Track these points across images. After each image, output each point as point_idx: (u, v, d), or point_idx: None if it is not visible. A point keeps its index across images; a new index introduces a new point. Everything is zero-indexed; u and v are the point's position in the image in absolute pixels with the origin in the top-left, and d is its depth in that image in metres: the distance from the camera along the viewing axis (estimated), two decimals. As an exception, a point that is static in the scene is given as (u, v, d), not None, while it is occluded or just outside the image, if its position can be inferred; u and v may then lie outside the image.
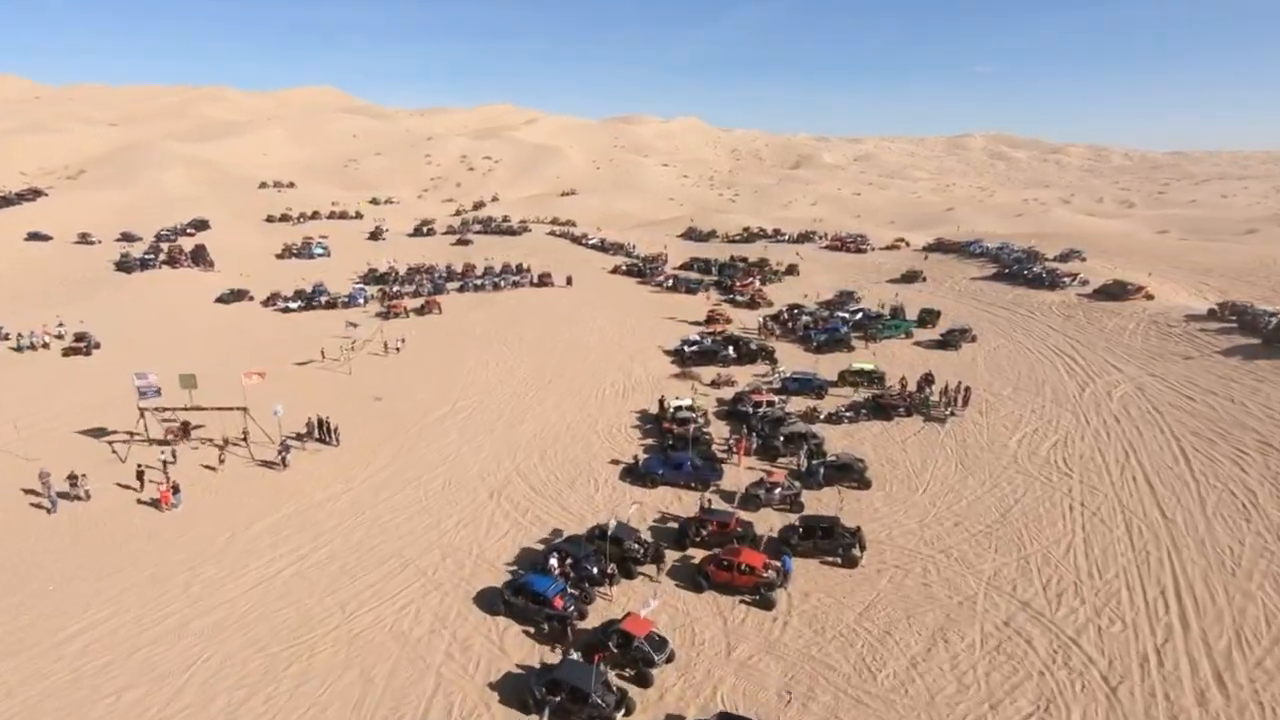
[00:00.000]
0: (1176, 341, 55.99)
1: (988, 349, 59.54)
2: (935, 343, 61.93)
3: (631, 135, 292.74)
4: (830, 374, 53.89)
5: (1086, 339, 59.30)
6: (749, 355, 58.90)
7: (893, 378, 53.83)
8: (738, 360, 58.61)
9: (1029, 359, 56.31)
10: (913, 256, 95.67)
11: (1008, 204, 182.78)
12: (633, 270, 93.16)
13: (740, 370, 57.14)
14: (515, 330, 67.81)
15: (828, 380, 52.30)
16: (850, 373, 53.18)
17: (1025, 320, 66.13)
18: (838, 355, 60.28)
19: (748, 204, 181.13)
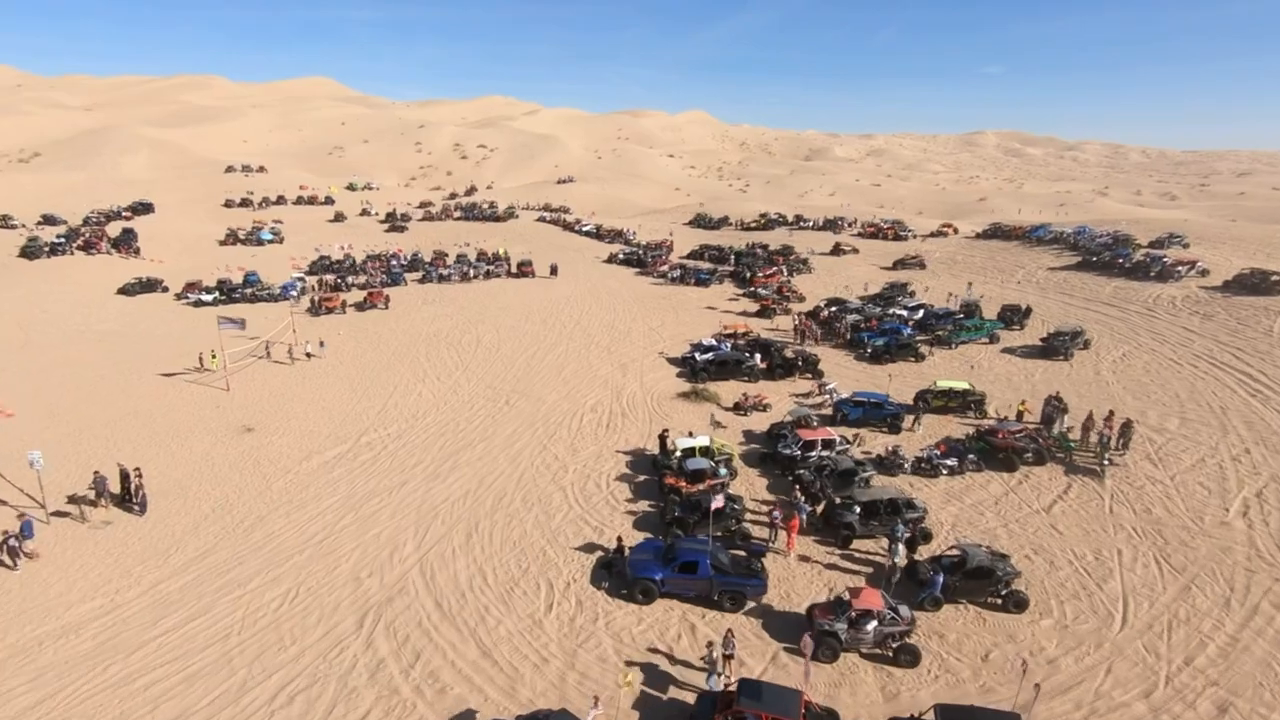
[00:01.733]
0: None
1: (1111, 359, 42.60)
2: (1034, 349, 45.09)
3: (636, 127, 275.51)
4: (899, 394, 37.18)
5: (1250, 345, 42.30)
6: (783, 366, 42.09)
7: (997, 401, 37.02)
8: (768, 372, 41.87)
9: (1180, 374, 39.33)
10: (964, 244, 78.68)
11: (1043, 194, 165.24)
12: (631, 259, 76.43)
13: (773, 387, 40.40)
14: (475, 331, 51.16)
15: (902, 405, 35.50)
16: (935, 394, 36.38)
17: (1146, 320, 49.08)
18: (902, 367, 43.52)
19: (760, 194, 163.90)
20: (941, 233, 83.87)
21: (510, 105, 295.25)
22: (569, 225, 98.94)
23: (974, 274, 67.41)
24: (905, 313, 52.27)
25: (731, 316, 54.89)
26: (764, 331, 49.91)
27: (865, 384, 40.48)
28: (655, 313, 56.63)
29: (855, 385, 40.14)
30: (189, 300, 61.44)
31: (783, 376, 41.67)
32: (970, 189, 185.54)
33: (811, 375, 41.87)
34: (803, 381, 41.27)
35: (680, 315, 56.01)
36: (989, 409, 36.03)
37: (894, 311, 52.63)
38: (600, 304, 59.36)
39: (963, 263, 71.39)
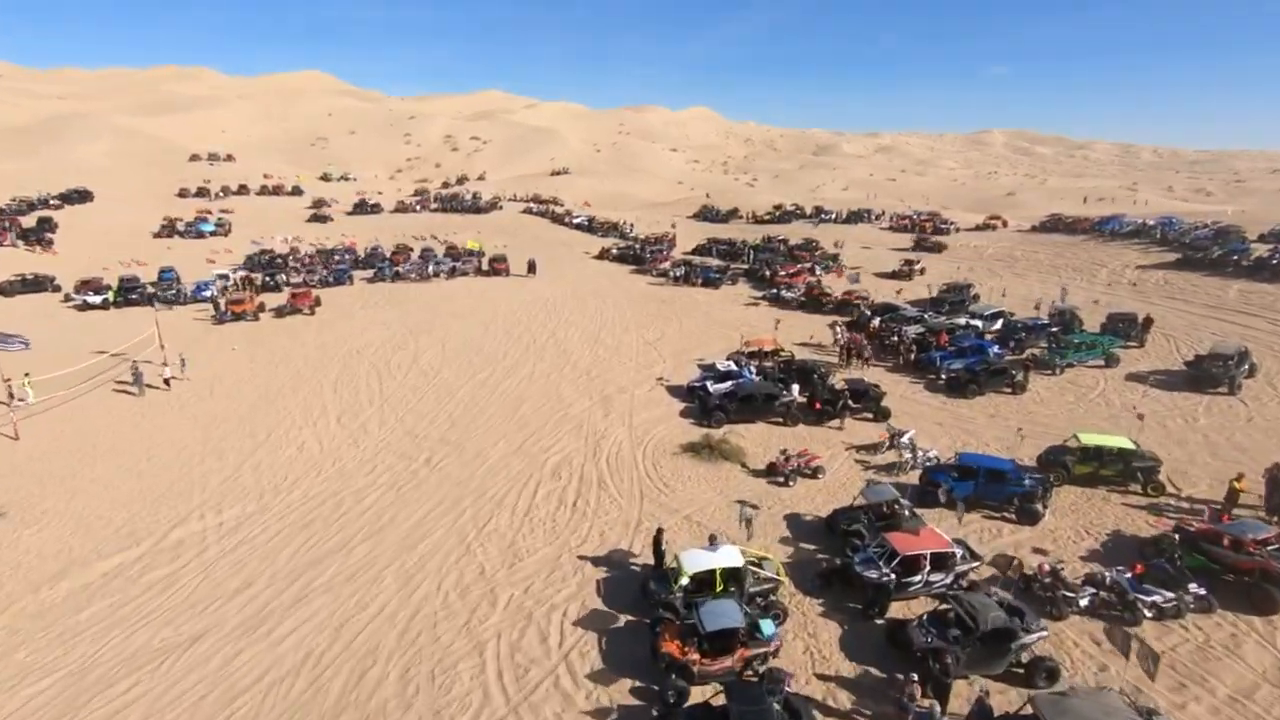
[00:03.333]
0: None
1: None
2: (1174, 376, 31.94)
3: (638, 122, 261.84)
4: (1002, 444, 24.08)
5: None
6: (830, 401, 28.89)
7: (1173, 467, 23.85)
8: (812, 409, 28.72)
9: None
10: (1019, 238, 65.36)
11: (1073, 189, 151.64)
12: (626, 255, 63.27)
13: (819, 435, 27.30)
14: (414, 347, 38.10)
15: (1037, 477, 22.31)
16: (1077, 454, 23.17)
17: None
18: (991, 402, 30.43)
19: (768, 188, 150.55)
20: (989, 226, 70.57)
21: (508, 100, 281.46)
22: (558, 218, 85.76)
23: (1043, 274, 54.13)
24: (979, 323, 39.15)
25: (758, 326, 41.76)
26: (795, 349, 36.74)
27: (952, 431, 27.41)
28: (653, 321, 43.55)
29: (937, 432, 27.07)
30: (75, 303, 48.47)
31: (829, 415, 28.52)
32: (991, 183, 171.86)
33: (874, 416, 28.77)
34: (861, 425, 28.20)
35: (685, 324, 42.86)
36: (1163, 479, 22.86)
37: (965, 321, 39.51)
38: (584, 309, 46.28)
39: (1025, 260, 58.08)
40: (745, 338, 34.99)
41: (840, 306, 44.89)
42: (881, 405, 28.95)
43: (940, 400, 31.13)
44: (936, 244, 61.42)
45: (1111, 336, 35.33)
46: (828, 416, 28.37)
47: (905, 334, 36.99)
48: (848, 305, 44.76)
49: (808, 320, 44.01)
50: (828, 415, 28.38)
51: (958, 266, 57.06)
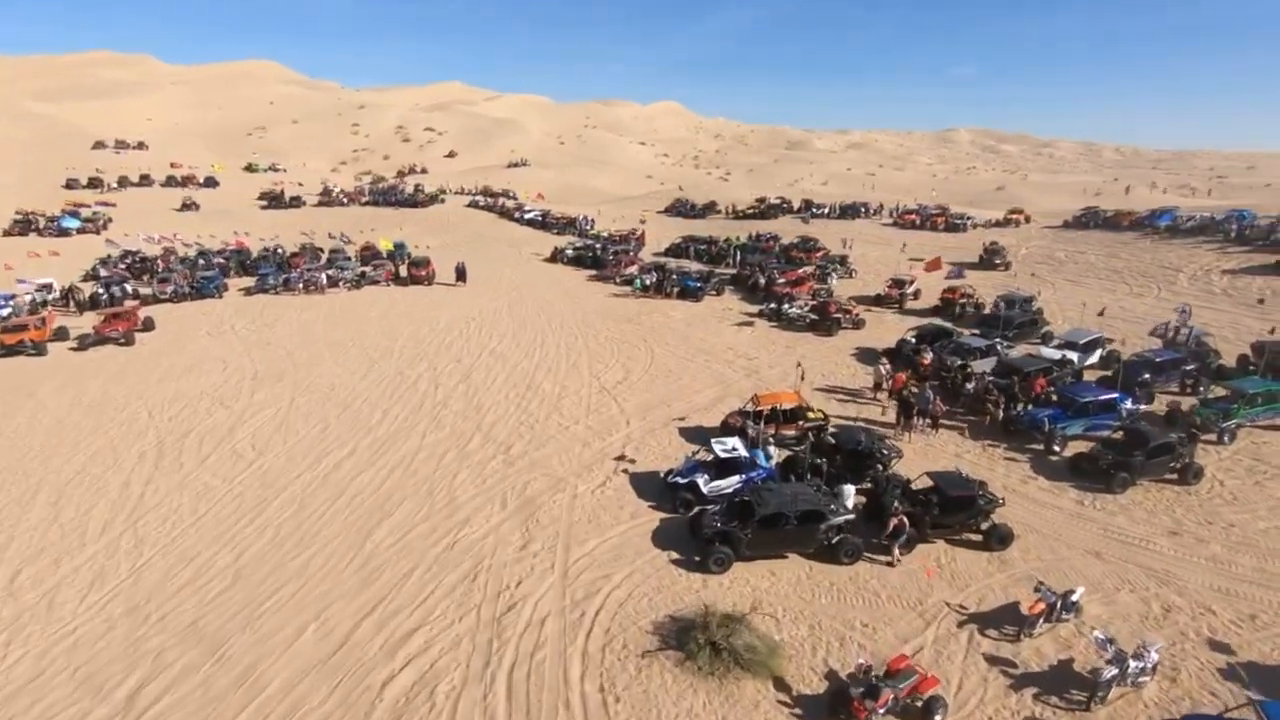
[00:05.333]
0: None
1: None
2: None
3: (605, 116, 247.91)
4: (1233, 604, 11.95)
5: None
6: (913, 516, 16.57)
7: None
8: (882, 531, 16.37)
9: None
10: (1051, 235, 53.97)
11: (1058, 185, 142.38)
12: (583, 257, 50.36)
13: (894, 583, 15.00)
14: (244, 403, 24.76)
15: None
16: None
17: None
18: (1148, 496, 18.39)
19: (743, 182, 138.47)
20: (1011, 221, 59.08)
21: (469, 92, 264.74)
22: (507, 212, 72.34)
23: (1103, 279, 42.57)
24: (1074, 355, 27.11)
25: (759, 360, 29.25)
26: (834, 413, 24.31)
27: (1120, 567, 15.24)
28: (614, 351, 30.78)
29: (1098, 573, 14.90)
30: None
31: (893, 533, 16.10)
32: (973, 179, 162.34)
33: (984, 542, 16.48)
34: (960, 555, 15.91)
35: (658, 356, 30.17)
36: None
37: (1047, 351, 27.46)
38: (522, 334, 33.35)
39: (1073, 262, 46.54)
40: (759, 394, 22.25)
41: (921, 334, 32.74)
42: (998, 527, 16.60)
43: (1070, 496, 18.95)
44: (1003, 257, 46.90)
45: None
46: (893, 533, 15.94)
47: (978, 376, 24.76)
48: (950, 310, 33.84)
49: (821, 348, 31.69)
50: (892, 529, 15.96)
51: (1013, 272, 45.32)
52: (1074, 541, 16.84)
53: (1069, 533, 17.24)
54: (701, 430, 22.62)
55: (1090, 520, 17.77)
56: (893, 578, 15.51)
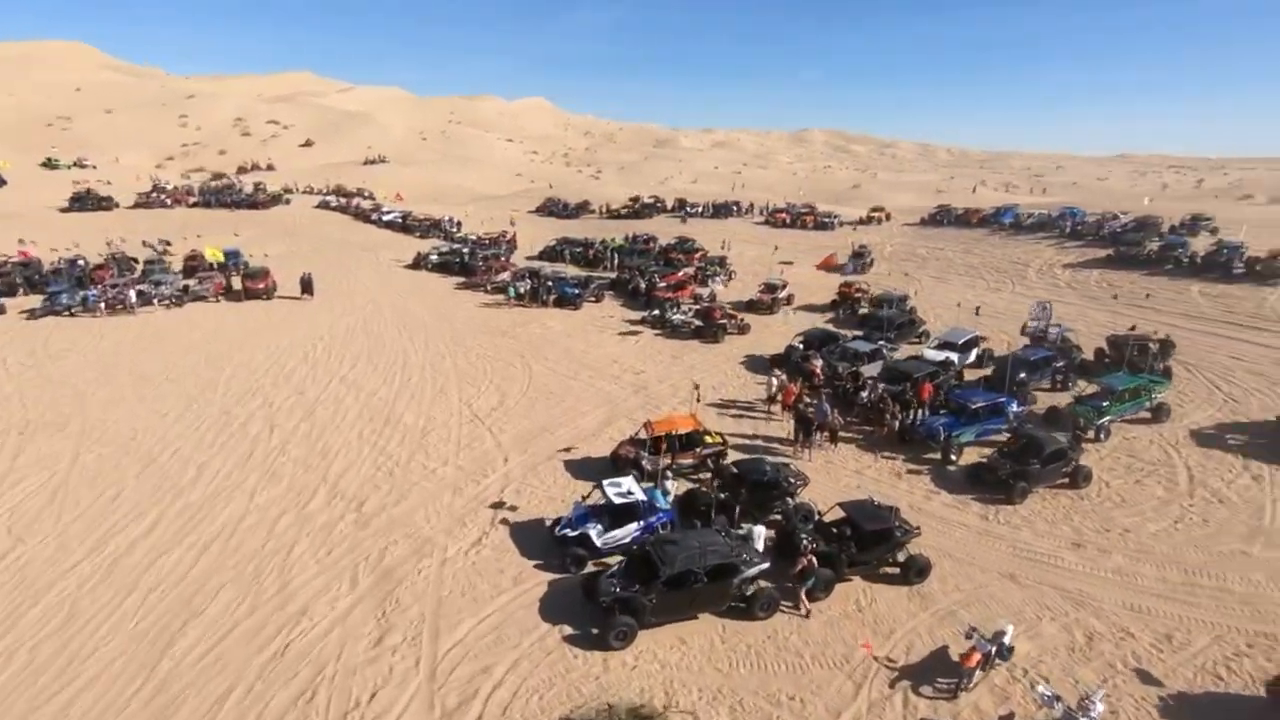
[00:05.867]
0: None
1: None
2: (1259, 431, 21.41)
3: (471, 111, 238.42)
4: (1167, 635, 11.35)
5: None
6: (826, 555, 14.99)
7: None
8: (788, 555, 14.54)
9: None
10: (912, 232, 56.15)
11: (904, 183, 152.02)
12: (450, 263, 46.29)
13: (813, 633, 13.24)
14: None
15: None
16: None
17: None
18: (1046, 504, 18.05)
19: (614, 180, 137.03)
20: (873, 219, 61.04)
21: (318, 83, 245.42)
22: (364, 214, 66.21)
23: (963, 275, 44.34)
24: (954, 356, 27.15)
25: (649, 374, 27.15)
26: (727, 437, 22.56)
27: (1042, 596, 14.40)
28: (488, 370, 27.58)
29: (1019, 601, 13.94)
30: None
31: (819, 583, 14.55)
32: (830, 177, 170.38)
33: (902, 575, 15.14)
34: (878, 592, 14.51)
35: (537, 373, 27.31)
36: None
37: (929, 352, 27.37)
38: (379, 354, 29.31)
39: (935, 259, 48.34)
40: (652, 421, 19.98)
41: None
42: (915, 558, 15.34)
43: (974, 511, 18.22)
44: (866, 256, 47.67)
45: (1158, 377, 24.53)
46: (810, 583, 14.27)
47: (871, 384, 23.97)
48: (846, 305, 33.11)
49: (709, 356, 30.15)
50: (810, 581, 14.29)
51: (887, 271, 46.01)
52: (987, 564, 15.94)
53: (980, 554, 16.35)
54: (590, 463, 20.13)
55: (998, 538, 17.03)
56: (814, 631, 13.78)
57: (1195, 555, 16.10)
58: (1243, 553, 16.15)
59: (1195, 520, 17.51)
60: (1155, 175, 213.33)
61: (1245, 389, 25.20)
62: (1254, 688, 12.31)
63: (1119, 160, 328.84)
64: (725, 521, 16.37)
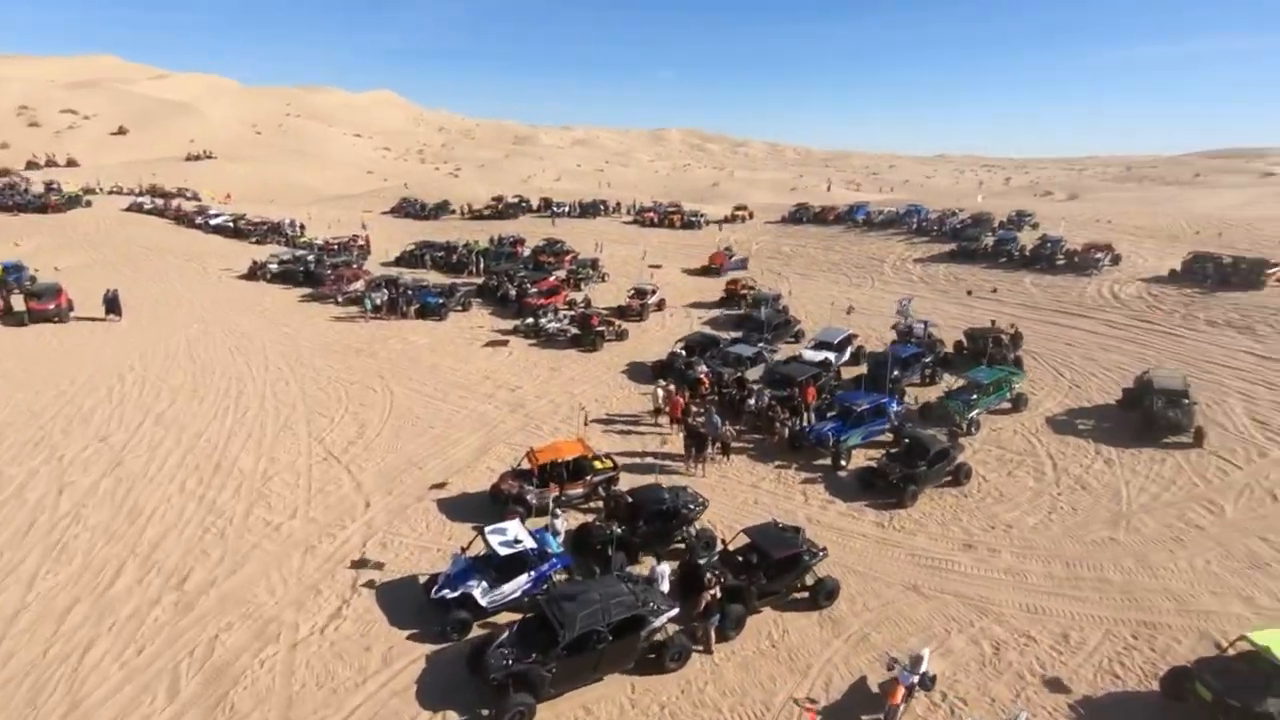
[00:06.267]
0: None
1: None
2: (1103, 415, 22.99)
3: (310, 104, 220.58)
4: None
5: None
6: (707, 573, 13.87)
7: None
8: (693, 589, 13.36)
9: None
10: (775, 230, 57.56)
11: (759, 180, 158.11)
12: (293, 271, 41.48)
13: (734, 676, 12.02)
14: None
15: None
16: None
17: (1171, 342, 30.48)
18: (935, 505, 18.22)
19: (475, 178, 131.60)
20: (737, 217, 62.06)
21: (127, 68, 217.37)
22: (186, 217, 58.38)
23: (826, 272, 45.76)
24: (832, 356, 27.38)
25: (526, 391, 25.07)
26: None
27: (952, 613, 14.20)
28: (343, 397, 24.35)
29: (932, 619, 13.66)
30: None
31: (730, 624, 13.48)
32: (690, 175, 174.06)
33: (811, 601, 14.39)
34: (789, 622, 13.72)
35: (399, 397, 24.45)
36: None
37: (808, 353, 27.42)
38: (209, 385, 25.11)
39: (799, 256, 49.62)
40: (535, 449, 18.02)
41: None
42: (824, 581, 14.63)
43: (870, 519, 17.97)
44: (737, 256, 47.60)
45: (1014, 369, 25.83)
46: (715, 620, 13.19)
47: (758, 389, 23.46)
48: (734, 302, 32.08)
49: (589, 367, 28.61)
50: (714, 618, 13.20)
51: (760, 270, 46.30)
52: (890, 576, 15.58)
53: (882, 566, 16.00)
54: (467, 501, 17.95)
55: (896, 545, 16.80)
56: (729, 677, 12.62)
57: (1073, 547, 16.66)
58: (1112, 539, 16.91)
59: (1066, 509, 18.24)
60: (971, 174, 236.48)
61: (1084, 374, 27.27)
62: (1147, 682, 12.57)
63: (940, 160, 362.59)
64: (624, 559, 14.92)
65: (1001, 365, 25.83)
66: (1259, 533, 16.97)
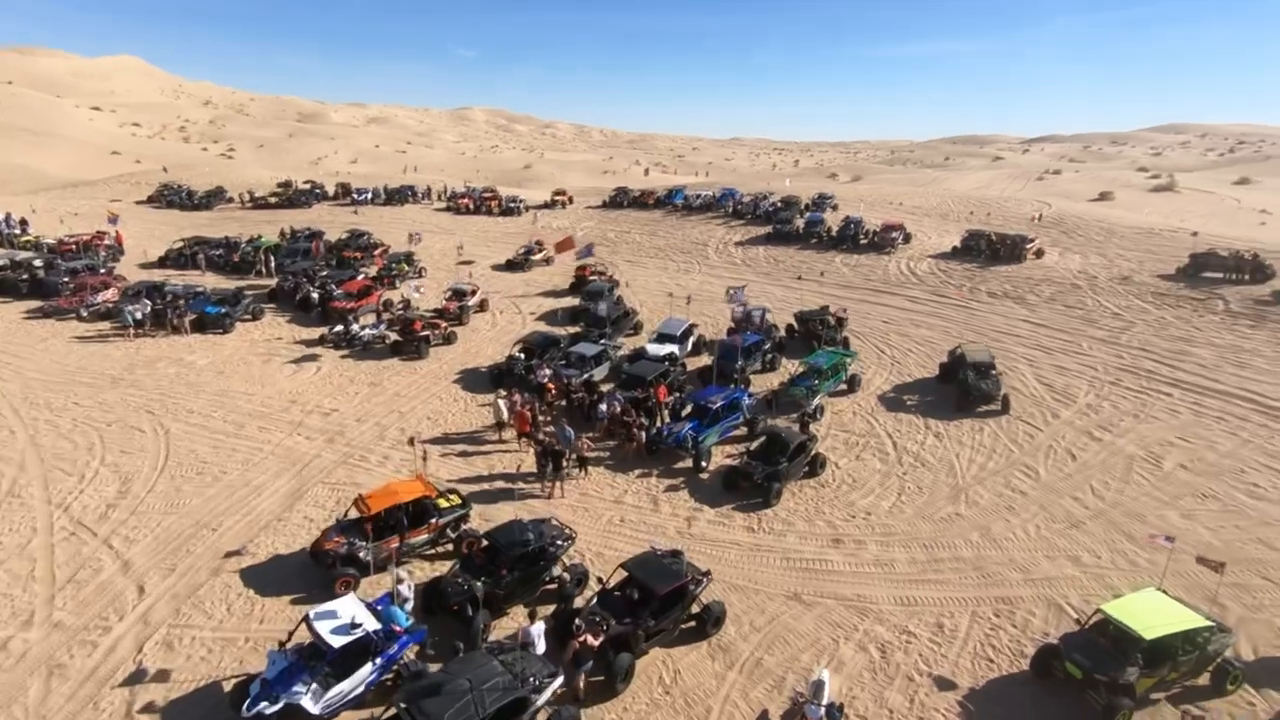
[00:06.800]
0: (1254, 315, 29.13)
1: (1084, 407, 24.44)
2: (926, 390, 24.50)
3: (26, 69, 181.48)
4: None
5: (1172, 346, 28.91)
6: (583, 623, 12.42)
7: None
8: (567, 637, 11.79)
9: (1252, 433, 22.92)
10: (598, 216, 56.39)
11: (571, 162, 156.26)
12: (12, 282, 32.86)
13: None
14: None
15: None
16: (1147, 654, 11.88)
17: (962, 315, 33.47)
18: (798, 500, 18.15)
19: (253, 160, 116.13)
20: (557, 202, 60.01)
21: None
22: None
23: (653, 258, 45.46)
24: (676, 349, 26.67)
25: (344, 416, 21.42)
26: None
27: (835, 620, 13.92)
28: (96, 443, 19.20)
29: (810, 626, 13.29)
30: None
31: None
32: (501, 157, 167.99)
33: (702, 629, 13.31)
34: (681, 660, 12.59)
35: (179, 437, 19.81)
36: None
37: (653, 347, 26.48)
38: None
39: (625, 242, 48.83)
40: (365, 495, 15.01)
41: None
42: (710, 607, 13.57)
43: (739, 524, 17.34)
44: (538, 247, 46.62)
45: (847, 350, 26.72)
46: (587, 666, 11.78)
47: (609, 393, 22.05)
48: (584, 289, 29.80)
49: (416, 378, 25.49)
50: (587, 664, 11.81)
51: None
52: (771, 586, 14.97)
53: (760, 575, 15.36)
54: (282, 567, 14.69)
55: (769, 550, 16.28)
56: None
57: (926, 527, 17.20)
58: (957, 515, 17.72)
59: (913, 489, 18.92)
60: (766, 157, 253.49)
61: (902, 350, 29.11)
62: (1019, 662, 13.00)
63: (735, 143, 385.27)
64: (488, 618, 12.79)
65: (833, 347, 26.72)
66: (1069, 492, 18.70)
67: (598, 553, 15.87)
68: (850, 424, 22.83)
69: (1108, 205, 69.01)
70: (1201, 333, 28.98)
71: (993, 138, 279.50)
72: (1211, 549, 15.96)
